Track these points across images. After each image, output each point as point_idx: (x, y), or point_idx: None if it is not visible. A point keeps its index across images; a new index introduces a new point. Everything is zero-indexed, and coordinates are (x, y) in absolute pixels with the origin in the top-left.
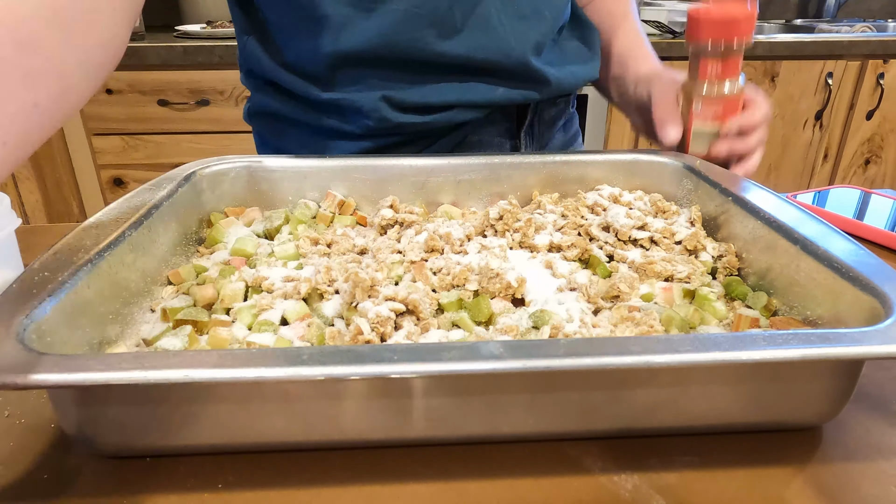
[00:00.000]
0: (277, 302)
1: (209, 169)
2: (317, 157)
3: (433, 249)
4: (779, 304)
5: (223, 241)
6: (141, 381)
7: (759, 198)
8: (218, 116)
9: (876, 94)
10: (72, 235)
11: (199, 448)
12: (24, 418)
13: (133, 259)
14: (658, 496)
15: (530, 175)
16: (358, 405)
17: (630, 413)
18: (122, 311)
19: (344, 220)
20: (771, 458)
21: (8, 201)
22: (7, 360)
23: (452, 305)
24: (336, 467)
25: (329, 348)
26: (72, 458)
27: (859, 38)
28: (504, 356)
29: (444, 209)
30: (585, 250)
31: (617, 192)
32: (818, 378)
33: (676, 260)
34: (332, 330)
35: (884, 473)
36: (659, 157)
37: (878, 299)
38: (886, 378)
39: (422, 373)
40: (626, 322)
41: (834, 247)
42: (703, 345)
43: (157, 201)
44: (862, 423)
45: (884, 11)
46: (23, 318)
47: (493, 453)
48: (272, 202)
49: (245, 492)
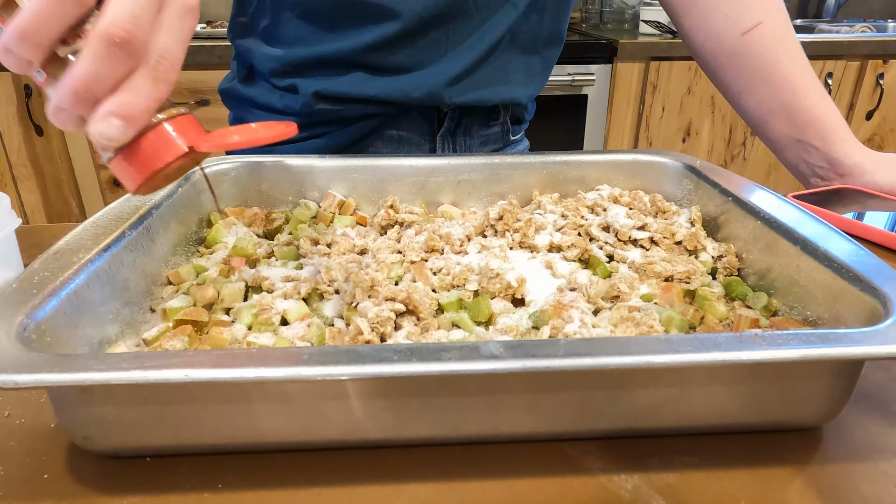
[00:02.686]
0: (277, 302)
1: (209, 169)
2: (317, 157)
3: (433, 249)
4: (779, 305)
5: (223, 241)
6: (141, 381)
7: (759, 198)
8: (218, 116)
9: (876, 94)
10: (72, 235)
11: (199, 448)
12: (24, 418)
13: (133, 259)
14: (658, 496)
15: (530, 175)
16: (358, 405)
17: (630, 413)
18: (122, 311)
19: (344, 220)
20: (771, 458)
21: (8, 201)
22: (7, 360)
23: (452, 305)
24: (336, 467)
25: (329, 348)
26: (72, 458)
27: (859, 39)
28: (504, 356)
29: (444, 209)
30: (585, 250)
31: (617, 193)
32: (818, 378)
33: (676, 260)
34: (332, 330)
35: (884, 473)
36: (659, 157)
37: (878, 299)
38: (886, 378)
39: (422, 373)
40: (626, 322)
41: (834, 247)
42: (703, 345)
43: (157, 201)
44: (862, 423)
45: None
46: (23, 318)
47: (493, 453)
48: (272, 202)
49: (245, 492)
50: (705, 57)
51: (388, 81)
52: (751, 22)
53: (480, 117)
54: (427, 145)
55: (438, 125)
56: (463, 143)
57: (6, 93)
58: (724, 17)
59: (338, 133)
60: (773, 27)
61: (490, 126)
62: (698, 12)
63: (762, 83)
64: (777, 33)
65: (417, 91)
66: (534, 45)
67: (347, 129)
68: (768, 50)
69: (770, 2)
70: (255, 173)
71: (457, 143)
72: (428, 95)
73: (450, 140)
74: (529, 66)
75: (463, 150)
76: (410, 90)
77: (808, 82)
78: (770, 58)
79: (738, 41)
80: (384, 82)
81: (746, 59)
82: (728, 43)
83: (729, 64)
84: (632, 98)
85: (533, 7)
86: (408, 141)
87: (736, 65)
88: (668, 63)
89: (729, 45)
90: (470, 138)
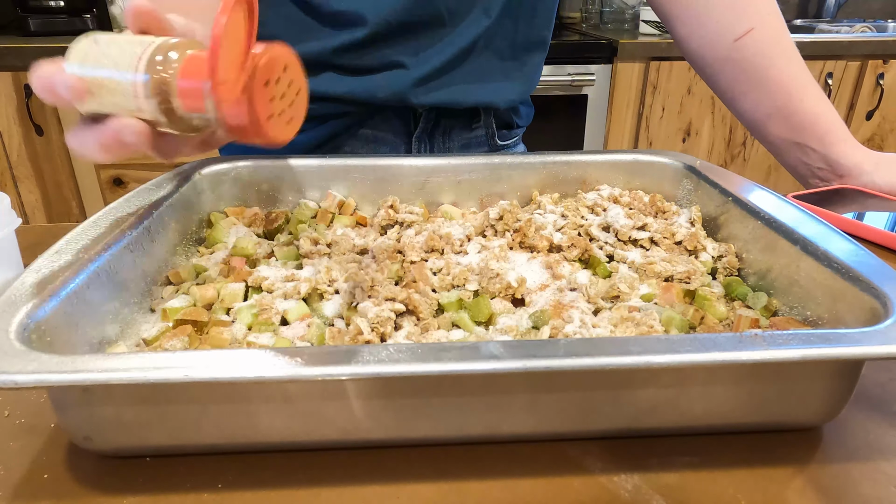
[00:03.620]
0: (277, 302)
1: (209, 169)
2: (317, 157)
3: (433, 249)
4: (779, 305)
5: (223, 241)
6: (141, 381)
7: (759, 198)
8: None
9: (876, 94)
10: (72, 235)
11: (198, 448)
12: (24, 418)
13: (133, 259)
14: (658, 496)
15: (530, 175)
16: (358, 405)
17: (630, 413)
18: (122, 311)
19: (344, 220)
20: (771, 458)
21: (8, 201)
22: (7, 360)
23: (452, 305)
24: (336, 467)
25: (329, 348)
26: (72, 458)
27: (859, 39)
28: (504, 356)
29: (444, 209)
30: (585, 250)
31: (617, 193)
32: (818, 378)
33: (676, 260)
34: (332, 330)
35: (884, 473)
36: (659, 157)
37: (878, 299)
38: (886, 378)
39: (422, 373)
40: (626, 322)
41: (834, 247)
42: (703, 345)
43: (157, 201)
44: (862, 423)
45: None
46: (23, 318)
47: (494, 453)
48: (272, 202)
49: (245, 492)
50: (700, 63)
51: (356, 81)
52: (743, 28)
53: (461, 120)
54: (403, 146)
55: (414, 126)
56: (441, 145)
57: (6, 93)
58: (717, 23)
59: (312, 131)
60: (767, 32)
61: (473, 129)
62: (691, 20)
63: (758, 87)
64: (771, 37)
65: (383, 92)
66: (512, 50)
67: (321, 126)
68: (762, 55)
69: (763, 6)
70: (255, 173)
71: (434, 145)
72: (393, 95)
73: (427, 141)
74: (507, 71)
75: (441, 151)
76: (376, 91)
77: (804, 84)
78: (764, 63)
79: (731, 47)
80: (352, 82)
81: (741, 65)
82: (722, 49)
83: (724, 70)
84: (632, 98)
85: (506, 14)
86: (383, 140)
87: (731, 70)
88: (668, 63)
89: (723, 52)
90: (449, 140)
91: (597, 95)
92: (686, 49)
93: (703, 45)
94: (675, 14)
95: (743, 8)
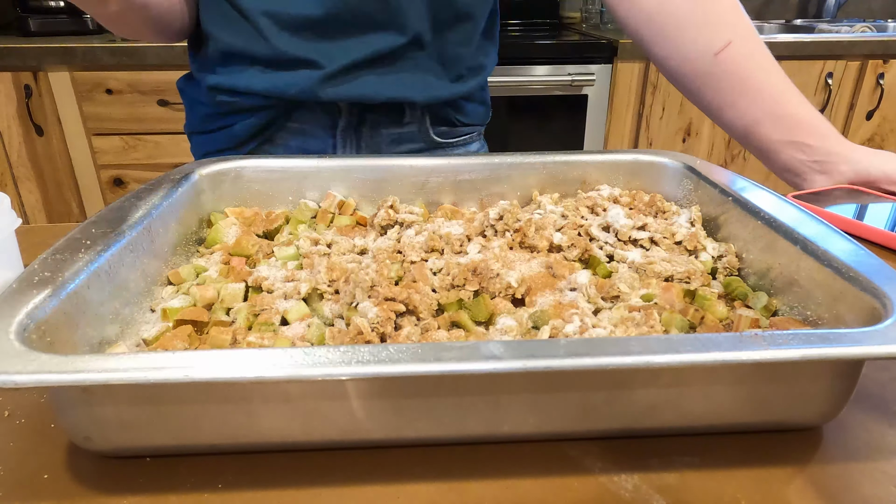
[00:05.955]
0: (277, 302)
1: (209, 169)
2: (317, 157)
3: (433, 249)
4: (779, 305)
5: (223, 241)
6: (141, 381)
7: (759, 198)
8: None
9: (876, 94)
10: (72, 235)
11: (198, 448)
12: (24, 418)
13: (133, 259)
14: (658, 496)
15: (530, 175)
16: (358, 405)
17: (630, 413)
18: (122, 311)
19: (344, 220)
20: (771, 458)
21: (8, 201)
22: (7, 360)
23: (452, 305)
24: (336, 467)
25: (329, 348)
26: (72, 458)
27: (859, 39)
28: (504, 356)
29: (444, 209)
30: (586, 250)
31: (617, 193)
32: (818, 378)
33: (676, 260)
34: (332, 330)
35: (884, 473)
36: (659, 157)
37: (878, 299)
38: (886, 378)
39: (422, 373)
40: (626, 322)
41: (834, 247)
42: (704, 345)
43: (157, 201)
44: (862, 423)
45: (884, 11)
46: (23, 318)
47: (493, 453)
48: (272, 202)
49: (245, 492)
50: (683, 81)
51: (274, 77)
52: (722, 41)
53: (389, 115)
54: (329, 140)
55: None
56: (369, 140)
57: (6, 93)
58: (693, 42)
59: (242, 123)
60: (745, 42)
61: (404, 125)
62: (667, 42)
63: (744, 95)
64: (751, 47)
65: (292, 88)
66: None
67: (252, 117)
68: (745, 65)
69: (733, 18)
70: (255, 173)
71: (361, 140)
72: (302, 92)
73: (353, 136)
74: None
75: (369, 146)
76: (286, 87)
77: (789, 88)
78: (747, 72)
79: (712, 62)
80: (270, 78)
81: (725, 76)
82: (703, 65)
83: (708, 83)
84: (632, 98)
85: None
86: (311, 133)
87: (715, 83)
88: None
89: (704, 67)
90: (377, 135)
91: (597, 95)
92: (666, 69)
93: (684, 63)
94: (648, 38)
95: (716, 23)
